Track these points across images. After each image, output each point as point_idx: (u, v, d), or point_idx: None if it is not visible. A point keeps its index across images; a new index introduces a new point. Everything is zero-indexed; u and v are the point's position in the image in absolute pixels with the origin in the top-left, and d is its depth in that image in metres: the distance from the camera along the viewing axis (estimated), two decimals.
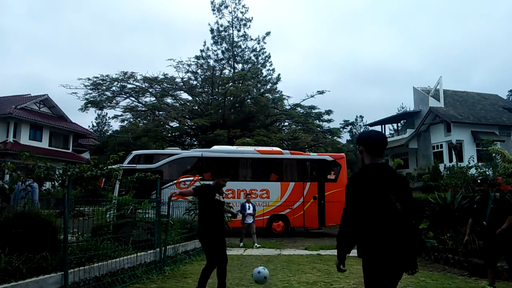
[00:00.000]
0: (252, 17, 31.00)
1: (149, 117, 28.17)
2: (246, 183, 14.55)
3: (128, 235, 6.89)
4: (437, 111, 30.12)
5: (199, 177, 14.08)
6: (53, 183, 5.98)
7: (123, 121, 27.95)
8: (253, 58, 31.95)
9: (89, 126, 50.16)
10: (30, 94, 33.60)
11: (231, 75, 28.80)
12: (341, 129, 29.73)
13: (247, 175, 15.39)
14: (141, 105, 27.93)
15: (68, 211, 5.06)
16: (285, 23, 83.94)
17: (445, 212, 9.68)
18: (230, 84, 27.19)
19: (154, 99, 27.76)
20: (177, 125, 27.64)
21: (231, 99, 26.80)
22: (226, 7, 30.74)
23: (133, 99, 27.82)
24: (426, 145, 31.62)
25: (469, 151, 27.02)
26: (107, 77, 26.32)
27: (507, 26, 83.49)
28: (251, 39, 31.35)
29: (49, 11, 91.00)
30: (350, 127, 40.39)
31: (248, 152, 15.73)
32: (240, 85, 26.76)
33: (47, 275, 4.70)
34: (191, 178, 14.31)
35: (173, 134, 29.65)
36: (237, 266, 7.78)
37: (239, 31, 31.29)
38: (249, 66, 31.25)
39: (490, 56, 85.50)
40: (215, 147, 16.64)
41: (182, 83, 28.39)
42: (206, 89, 30.21)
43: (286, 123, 30.58)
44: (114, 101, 27.23)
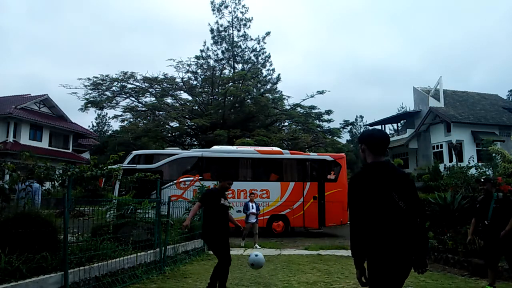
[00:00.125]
0: (252, 17, 31.09)
1: (149, 117, 28.17)
2: (246, 183, 14.54)
3: (128, 235, 6.89)
4: (437, 111, 30.13)
5: (199, 177, 14.09)
6: (53, 183, 5.98)
7: (123, 121, 28.02)
8: (253, 58, 32.01)
9: (89, 126, 50.27)
10: (30, 94, 33.63)
11: (231, 75, 28.79)
12: (341, 129, 29.72)
13: (247, 175, 15.39)
14: (141, 105, 27.95)
15: (68, 211, 5.05)
16: (285, 23, 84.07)
17: (445, 212, 9.67)
18: (230, 84, 27.19)
19: (154, 99, 27.77)
20: (177, 125, 27.65)
21: (231, 99, 26.79)
22: (226, 7, 30.83)
23: (133, 99, 27.85)
24: (426, 145, 31.63)
25: (469, 151, 27.03)
26: (107, 77, 26.35)
27: (507, 26, 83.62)
28: (251, 39, 31.42)
29: (49, 11, 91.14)
30: (350, 127, 40.33)
31: (248, 152, 15.73)
32: (240, 85, 26.76)
33: (47, 275, 4.70)
34: (191, 178, 14.32)
35: (173, 134, 29.65)
36: (237, 266, 7.76)
37: (239, 31, 31.35)
38: (249, 66, 31.25)
39: (490, 56, 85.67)
40: (215, 147, 16.64)
41: (182, 83, 28.39)
42: (206, 89, 30.22)
43: (286, 123, 30.61)
44: (114, 101, 27.26)
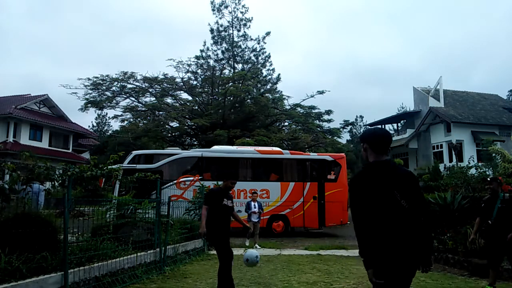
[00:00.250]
0: (252, 17, 31.00)
1: (149, 117, 28.14)
2: (246, 183, 14.53)
3: (128, 235, 6.89)
4: (437, 111, 30.12)
5: (199, 177, 14.10)
6: (53, 183, 5.99)
7: (123, 121, 27.96)
8: (253, 58, 31.95)
9: (89, 126, 50.25)
10: (30, 94, 33.62)
11: (231, 75, 28.76)
12: (341, 129, 29.67)
13: (247, 175, 15.38)
14: (141, 105, 27.91)
15: (68, 211, 5.06)
16: (285, 23, 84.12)
17: (445, 212, 9.66)
18: (230, 84, 27.16)
19: (154, 99, 27.74)
20: (177, 125, 27.62)
21: (231, 99, 26.77)
22: (226, 7, 30.75)
23: (133, 99, 27.80)
24: (426, 145, 31.62)
25: (469, 151, 27.00)
26: (107, 77, 26.30)
27: (507, 26, 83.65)
28: (251, 39, 31.36)
29: (49, 11, 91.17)
30: (350, 127, 40.26)
31: (248, 152, 15.73)
32: (240, 85, 26.74)
33: (47, 275, 4.70)
34: (191, 178, 14.32)
35: (173, 134, 29.63)
36: (237, 266, 7.75)
37: (239, 31, 31.30)
38: (249, 66, 31.22)
39: (490, 56, 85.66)
40: (215, 147, 16.64)
41: (182, 83, 28.36)
42: (206, 89, 30.19)
43: (286, 123, 30.56)
44: (114, 101, 27.20)
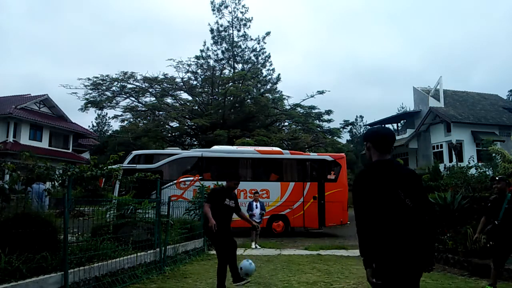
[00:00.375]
0: (252, 17, 31.04)
1: (149, 117, 28.15)
2: (246, 183, 14.47)
3: (128, 235, 6.89)
4: (437, 111, 30.12)
5: (199, 177, 14.10)
6: (53, 183, 5.99)
7: (123, 121, 27.98)
8: (253, 58, 31.98)
9: (89, 126, 50.29)
10: (30, 94, 33.63)
11: (231, 75, 28.77)
12: (341, 129, 29.70)
13: (247, 175, 15.36)
14: (141, 105, 27.93)
15: (68, 211, 5.06)
16: (285, 23, 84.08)
17: (445, 212, 9.66)
18: (230, 84, 27.17)
19: (154, 99, 27.75)
20: (177, 125, 27.63)
21: (231, 99, 26.78)
22: (226, 7, 30.78)
23: (133, 99, 27.82)
24: (426, 145, 31.62)
25: (469, 151, 27.00)
26: (107, 77, 26.32)
27: (507, 26, 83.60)
28: (251, 39, 31.39)
29: (49, 11, 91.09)
30: (350, 127, 40.35)
31: (248, 152, 15.73)
32: (240, 85, 26.74)
33: (47, 275, 4.70)
34: (191, 178, 14.32)
35: (173, 134, 29.64)
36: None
37: (239, 31, 31.32)
38: (249, 66, 31.23)
39: (490, 56, 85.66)
40: (215, 147, 16.64)
41: (182, 83, 28.37)
42: (206, 89, 30.20)
43: (286, 123, 30.58)
44: (114, 101, 27.22)
